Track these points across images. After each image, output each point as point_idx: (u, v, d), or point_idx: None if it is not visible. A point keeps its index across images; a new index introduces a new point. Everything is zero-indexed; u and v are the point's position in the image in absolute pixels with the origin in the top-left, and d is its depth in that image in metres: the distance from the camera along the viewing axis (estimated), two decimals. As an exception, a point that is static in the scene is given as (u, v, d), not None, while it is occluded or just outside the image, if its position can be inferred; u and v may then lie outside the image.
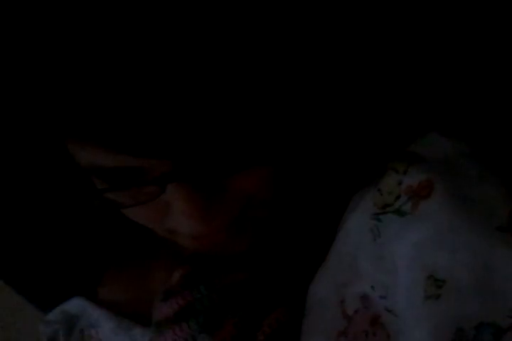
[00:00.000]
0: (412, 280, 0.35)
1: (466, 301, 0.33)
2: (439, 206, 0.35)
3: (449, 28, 0.43)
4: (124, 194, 0.37)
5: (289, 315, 0.40)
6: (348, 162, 0.42)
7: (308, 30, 0.36)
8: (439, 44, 0.43)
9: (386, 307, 0.36)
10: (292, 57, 0.35)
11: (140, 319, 0.47)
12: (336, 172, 0.42)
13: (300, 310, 0.40)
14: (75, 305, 0.51)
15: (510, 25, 0.43)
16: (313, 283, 0.41)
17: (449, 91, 0.44)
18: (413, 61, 0.43)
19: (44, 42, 0.31)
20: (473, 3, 0.43)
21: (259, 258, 0.43)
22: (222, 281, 0.41)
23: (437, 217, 0.35)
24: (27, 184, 0.49)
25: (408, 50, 0.43)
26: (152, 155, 0.33)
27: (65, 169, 0.41)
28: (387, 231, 0.37)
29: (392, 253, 0.36)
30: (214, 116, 0.32)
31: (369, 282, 0.37)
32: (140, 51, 0.30)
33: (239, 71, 0.32)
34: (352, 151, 0.42)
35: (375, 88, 0.42)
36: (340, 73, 0.39)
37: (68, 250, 0.53)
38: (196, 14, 0.31)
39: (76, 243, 0.53)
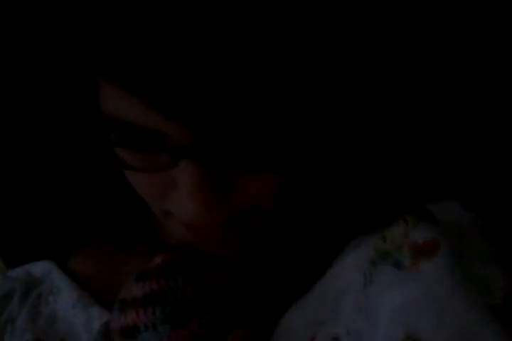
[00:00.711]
0: (390, 336, 0.34)
1: None
2: (439, 270, 0.35)
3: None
4: (137, 157, 0.36)
5: (256, 336, 0.39)
6: (361, 198, 0.41)
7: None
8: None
9: None
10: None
11: (102, 299, 0.46)
12: (345, 204, 0.41)
13: (268, 335, 0.39)
14: (41, 267, 0.50)
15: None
16: (289, 311, 0.39)
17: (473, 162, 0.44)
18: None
19: None
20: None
21: (245, 271, 0.42)
22: (202, 279, 0.39)
23: (435, 280, 0.34)
24: (40, 123, 0.48)
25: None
26: (176, 115, 0.31)
27: (86, 112, 0.40)
28: (380, 280, 0.36)
29: (378, 303, 0.35)
30: (250, 101, 0.31)
31: (346, 326, 0.36)
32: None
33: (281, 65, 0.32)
34: (367, 188, 0.42)
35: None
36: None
37: (53, 211, 0.52)
38: None
39: (64, 205, 0.52)
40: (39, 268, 0.50)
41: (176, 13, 0.30)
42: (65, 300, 0.47)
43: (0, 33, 0.43)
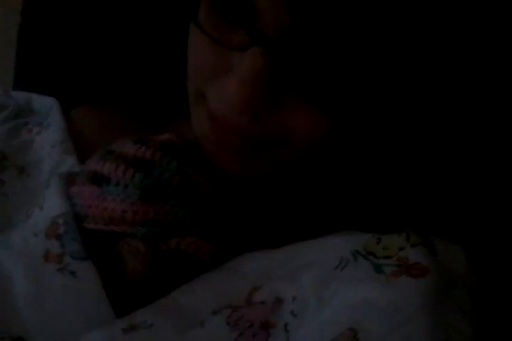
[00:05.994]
0: (333, 321, 0.32)
1: None
2: (416, 289, 0.33)
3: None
4: (216, 26, 0.35)
5: (203, 253, 0.37)
6: (380, 196, 0.42)
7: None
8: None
9: (286, 325, 0.33)
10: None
11: (83, 156, 0.43)
12: (363, 195, 0.41)
13: (214, 262, 0.37)
14: (44, 101, 0.48)
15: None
16: (250, 253, 0.37)
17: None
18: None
19: None
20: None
21: (234, 199, 0.39)
22: (193, 178, 0.37)
23: (407, 295, 0.33)
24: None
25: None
26: None
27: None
28: (353, 271, 0.35)
29: (339, 289, 0.34)
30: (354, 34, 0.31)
31: (297, 293, 0.34)
32: None
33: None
34: (388, 191, 0.42)
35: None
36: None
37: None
38: None
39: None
40: (42, 100, 0.48)
41: None
42: (48, 137, 0.44)
43: None
